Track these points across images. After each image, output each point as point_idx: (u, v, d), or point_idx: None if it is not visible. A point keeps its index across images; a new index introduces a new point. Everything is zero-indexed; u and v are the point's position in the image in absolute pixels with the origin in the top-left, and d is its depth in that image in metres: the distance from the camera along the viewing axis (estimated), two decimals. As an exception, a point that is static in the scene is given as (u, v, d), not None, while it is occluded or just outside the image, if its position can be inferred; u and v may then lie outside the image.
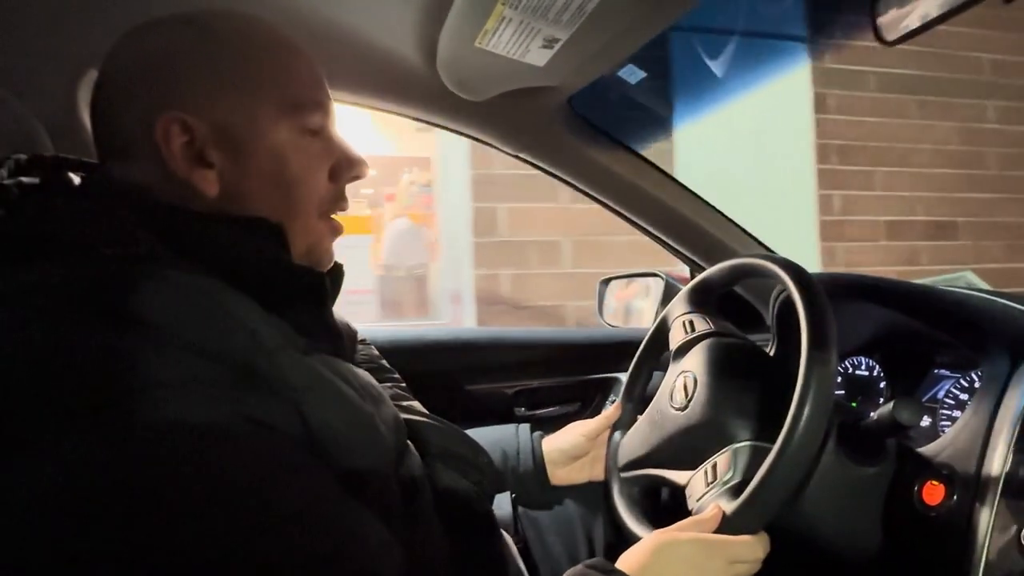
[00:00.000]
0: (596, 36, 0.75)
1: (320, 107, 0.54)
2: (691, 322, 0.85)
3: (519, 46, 0.78)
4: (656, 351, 0.91)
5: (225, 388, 0.39)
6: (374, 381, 0.57)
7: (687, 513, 0.67)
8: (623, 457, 0.82)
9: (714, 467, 0.70)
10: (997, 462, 0.61)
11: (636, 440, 0.82)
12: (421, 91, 0.91)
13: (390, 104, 0.96)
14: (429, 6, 0.76)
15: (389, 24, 0.81)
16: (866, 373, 0.95)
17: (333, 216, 0.57)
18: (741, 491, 0.62)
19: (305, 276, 0.53)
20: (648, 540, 0.59)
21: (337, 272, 0.60)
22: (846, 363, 0.98)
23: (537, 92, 0.90)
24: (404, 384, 0.75)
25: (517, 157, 1.04)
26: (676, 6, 0.73)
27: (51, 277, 0.40)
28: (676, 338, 0.86)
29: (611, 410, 0.89)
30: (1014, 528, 0.57)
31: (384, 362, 0.78)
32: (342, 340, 0.57)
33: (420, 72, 0.87)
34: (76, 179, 0.51)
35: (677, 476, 0.75)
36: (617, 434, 0.87)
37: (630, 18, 0.72)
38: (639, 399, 0.90)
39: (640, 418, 0.84)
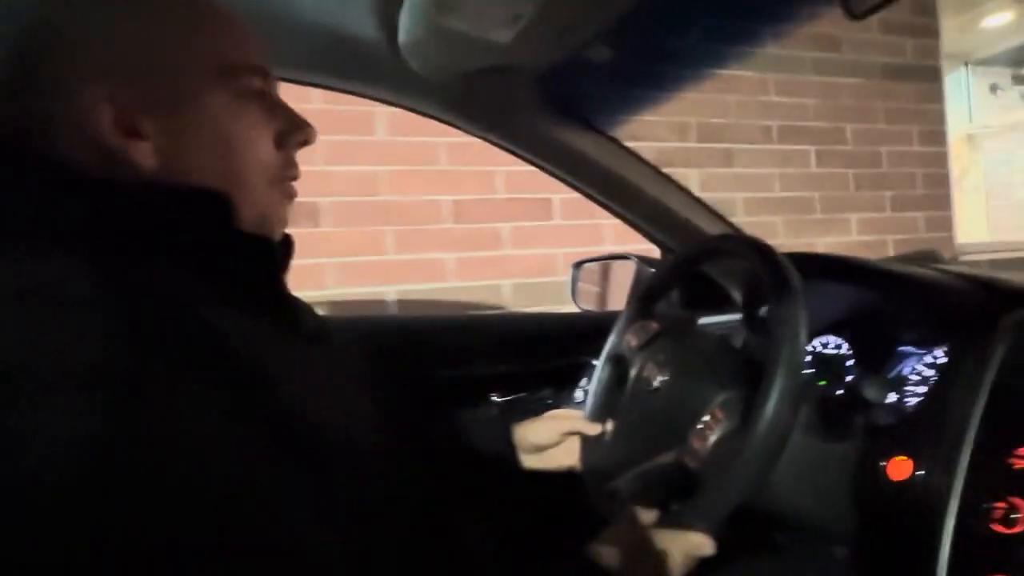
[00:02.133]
0: (562, 12, 0.74)
1: (256, 70, 0.52)
2: (665, 304, 0.85)
3: (482, 22, 0.76)
4: (617, 354, 0.91)
5: (181, 375, 0.37)
6: (338, 363, 0.55)
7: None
8: (610, 466, 0.82)
9: (706, 424, 0.70)
10: (963, 437, 0.62)
11: (616, 443, 0.82)
12: (383, 72, 0.88)
13: (352, 85, 0.93)
14: None
15: (347, 2, 0.78)
16: (834, 351, 0.96)
17: (285, 182, 0.56)
18: (741, 435, 0.62)
19: (253, 245, 0.51)
20: None
21: (287, 242, 0.58)
22: (814, 342, 0.99)
23: (504, 72, 0.88)
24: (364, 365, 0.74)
25: (484, 138, 1.02)
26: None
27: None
28: (651, 317, 0.86)
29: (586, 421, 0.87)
30: (979, 502, 0.57)
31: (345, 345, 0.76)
32: (297, 313, 0.55)
33: (382, 52, 0.84)
34: None
35: (664, 458, 0.75)
36: (591, 448, 0.86)
37: None
38: (604, 400, 0.90)
39: (610, 426, 0.84)
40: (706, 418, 0.70)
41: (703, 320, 0.92)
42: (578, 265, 1.35)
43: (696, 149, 2.64)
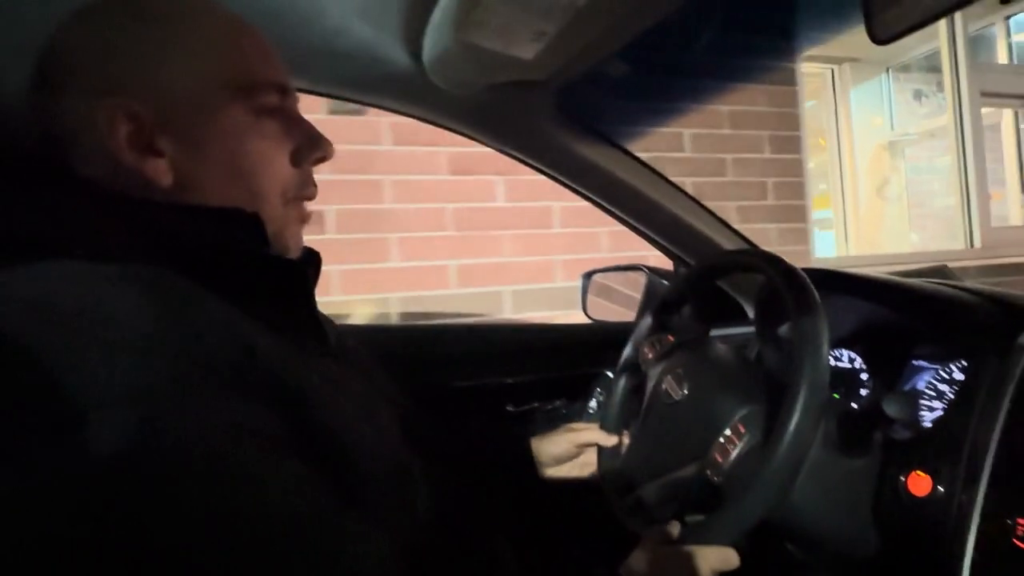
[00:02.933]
0: (586, 29, 0.75)
1: (274, 86, 0.52)
2: (660, 338, 0.86)
3: (507, 39, 0.77)
4: (633, 366, 0.91)
5: (213, 395, 0.37)
6: (361, 376, 0.56)
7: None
8: (623, 480, 0.82)
9: (727, 437, 0.70)
10: (983, 452, 0.62)
11: (636, 455, 0.83)
12: (406, 85, 0.89)
13: (373, 97, 0.94)
14: None
15: (374, 16, 0.79)
16: (848, 365, 0.97)
17: (301, 201, 0.55)
18: (765, 450, 0.62)
19: (286, 268, 0.51)
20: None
21: (315, 261, 0.58)
22: (838, 354, 1.00)
23: (524, 86, 0.89)
24: (386, 376, 0.74)
25: (503, 151, 1.03)
26: (664, 2, 0.73)
27: (13, 282, 0.37)
28: (650, 352, 0.87)
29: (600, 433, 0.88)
30: (1001, 518, 0.58)
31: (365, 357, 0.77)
32: (327, 334, 0.55)
33: (405, 66, 0.85)
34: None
35: (685, 471, 0.75)
36: (612, 460, 0.86)
37: (621, 11, 0.71)
38: (620, 412, 0.90)
39: (630, 436, 0.85)
40: (728, 432, 0.70)
41: (717, 333, 0.92)
42: (588, 275, 1.35)
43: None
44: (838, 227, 3.46)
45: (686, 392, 0.77)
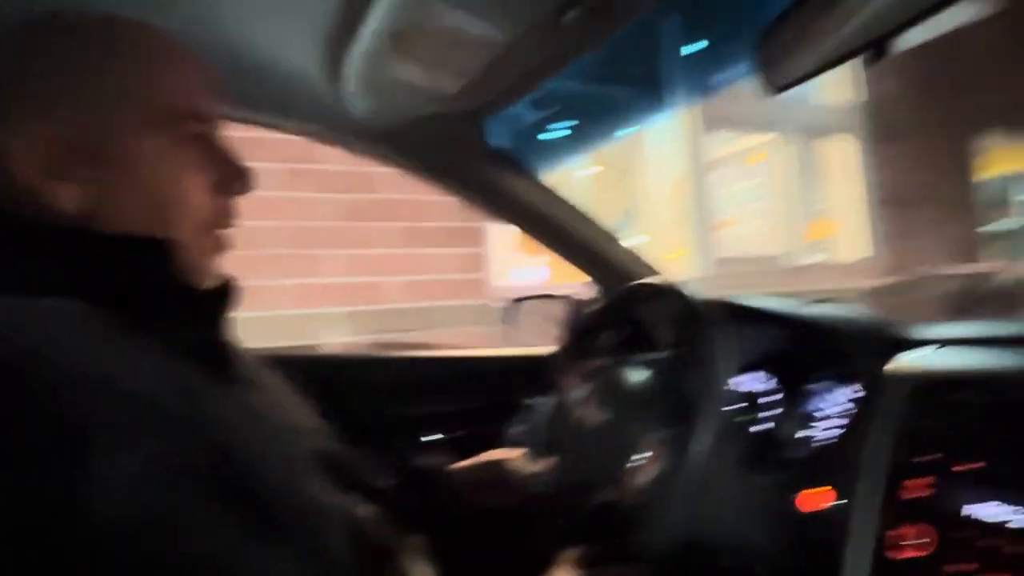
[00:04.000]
0: (510, 65, 0.77)
1: (197, 115, 0.51)
2: (597, 344, 0.89)
3: (430, 73, 0.78)
4: (568, 365, 0.94)
5: (135, 432, 0.36)
6: (276, 406, 0.54)
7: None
8: (551, 505, 0.83)
9: (637, 466, 0.72)
10: (867, 470, 0.68)
11: (555, 480, 0.84)
12: (326, 113, 0.89)
13: (293, 124, 0.93)
14: (336, 28, 0.75)
15: (291, 41, 0.79)
16: (752, 389, 1.02)
17: (219, 230, 0.54)
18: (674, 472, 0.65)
19: (194, 298, 0.49)
20: None
21: (232, 290, 0.57)
22: (735, 381, 1.05)
23: (448, 118, 0.90)
24: (303, 405, 0.72)
25: (425, 179, 1.04)
26: (587, 42, 0.76)
27: None
28: (583, 356, 0.89)
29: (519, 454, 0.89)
30: (875, 531, 0.63)
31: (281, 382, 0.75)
32: (237, 363, 0.54)
33: (324, 93, 0.85)
34: None
35: (607, 493, 0.77)
36: (529, 473, 0.87)
37: (543, 50, 0.74)
38: (541, 438, 0.92)
39: (550, 461, 0.87)
40: (641, 456, 0.73)
41: (636, 359, 0.96)
42: (510, 303, 1.37)
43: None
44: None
45: (603, 418, 0.79)
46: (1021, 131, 5.56)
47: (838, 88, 4.14)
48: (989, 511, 0.56)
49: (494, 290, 2.86)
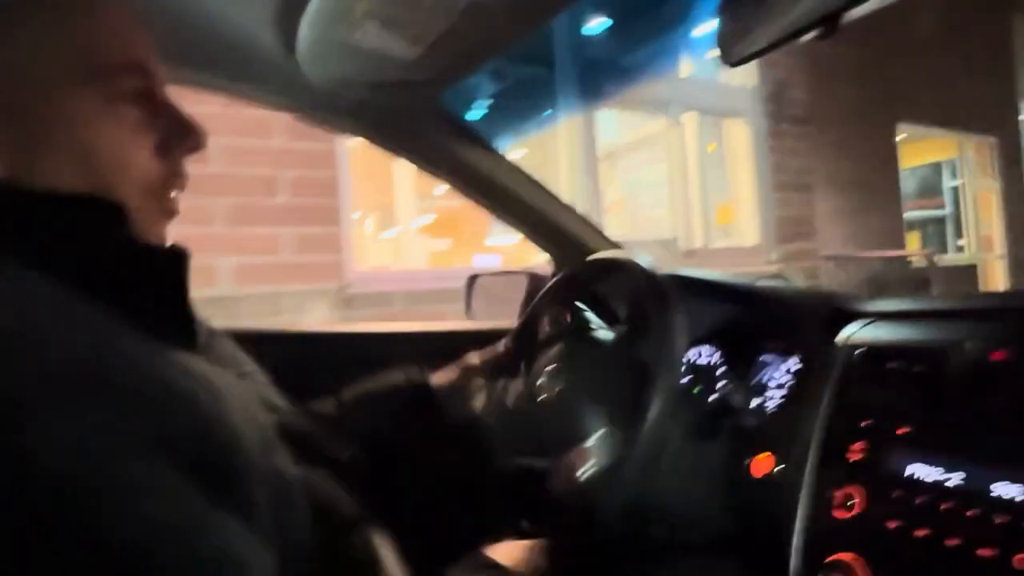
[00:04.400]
0: (469, 33, 0.76)
1: (136, 69, 0.48)
2: (555, 318, 0.89)
3: (387, 39, 0.76)
4: (527, 340, 0.94)
5: (82, 399, 0.35)
6: (242, 374, 0.54)
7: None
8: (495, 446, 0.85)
9: (578, 453, 0.74)
10: (810, 436, 0.71)
11: (505, 431, 0.85)
12: (281, 80, 0.86)
13: (247, 91, 0.90)
14: None
15: (245, 5, 0.76)
16: (706, 362, 1.06)
17: (167, 193, 0.51)
18: (605, 473, 0.67)
19: (161, 259, 0.47)
20: None
21: (186, 255, 0.55)
22: (689, 353, 1.08)
23: (406, 86, 0.89)
24: (265, 380, 0.71)
25: (382, 148, 1.02)
26: (551, 5, 0.75)
27: None
28: (542, 331, 0.90)
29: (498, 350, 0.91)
30: (824, 492, 0.66)
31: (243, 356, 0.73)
32: (198, 332, 0.52)
33: (279, 60, 0.82)
34: None
35: (543, 463, 0.79)
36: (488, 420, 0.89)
37: (504, 15, 0.73)
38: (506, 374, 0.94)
39: (507, 408, 0.88)
40: (596, 428, 0.75)
41: (595, 333, 0.97)
42: (472, 278, 1.37)
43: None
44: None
45: (558, 391, 0.80)
46: (941, 121, 5.81)
47: (744, 69, 4.19)
48: (918, 471, 0.60)
49: (354, 274, 2.67)
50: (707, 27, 4.11)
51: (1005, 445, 0.56)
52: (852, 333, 0.77)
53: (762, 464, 0.76)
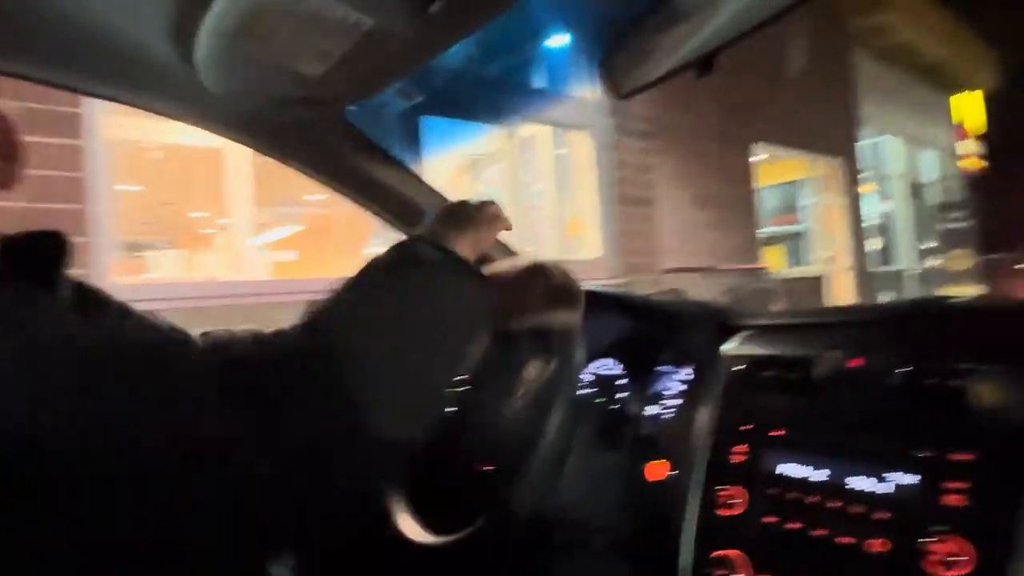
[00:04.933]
0: (373, 55, 0.77)
1: None
2: None
3: (290, 54, 0.76)
4: None
5: None
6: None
7: None
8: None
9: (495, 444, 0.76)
10: (698, 441, 0.76)
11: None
12: (179, 91, 0.83)
13: (143, 101, 0.86)
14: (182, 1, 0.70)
15: (135, 10, 0.73)
16: (608, 373, 1.10)
17: None
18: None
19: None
20: None
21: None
22: (594, 365, 1.13)
23: (311, 103, 0.88)
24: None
25: (286, 163, 1.00)
26: (453, 32, 0.77)
27: None
28: None
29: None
30: (712, 492, 0.71)
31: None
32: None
33: (176, 70, 0.80)
34: None
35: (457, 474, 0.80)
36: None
37: (411, 39, 0.74)
38: None
39: None
40: (500, 436, 0.77)
41: (500, 345, 1.00)
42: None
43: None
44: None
45: (465, 400, 0.82)
46: (793, 143, 6.38)
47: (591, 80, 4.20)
48: (790, 469, 0.66)
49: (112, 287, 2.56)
50: (558, 40, 4.15)
51: (860, 444, 0.62)
52: (736, 344, 0.83)
53: (656, 469, 0.81)
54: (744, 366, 0.78)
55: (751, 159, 5.87)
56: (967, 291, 7.99)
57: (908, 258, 9.06)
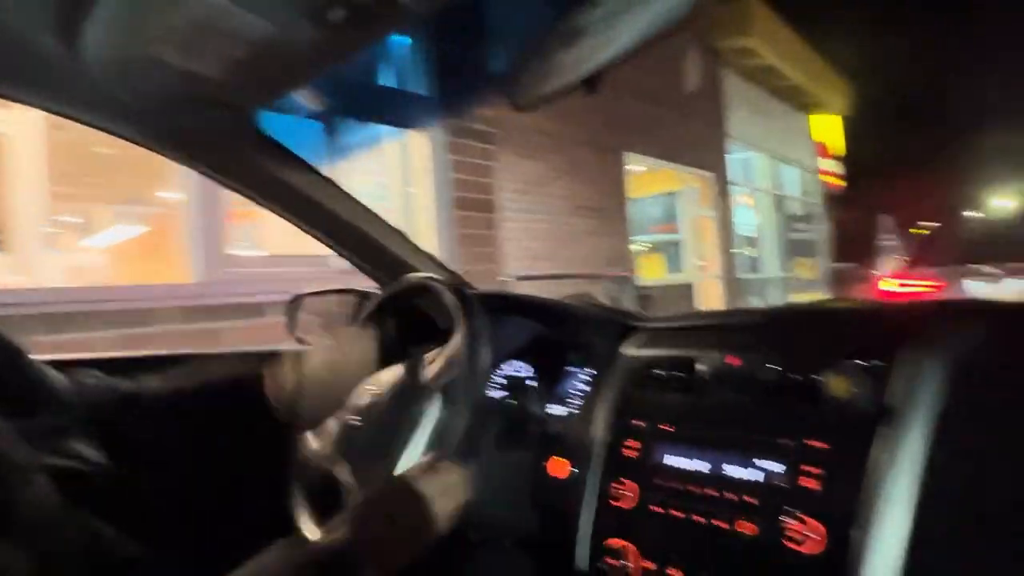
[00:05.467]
0: (276, 58, 0.76)
1: None
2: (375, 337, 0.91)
3: (190, 55, 0.74)
4: None
5: None
6: None
7: None
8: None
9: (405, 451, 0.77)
10: (596, 438, 0.80)
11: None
12: (65, 86, 0.80)
13: (35, 99, 0.82)
14: None
15: (15, 4, 0.70)
16: (519, 375, 1.13)
17: None
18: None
19: None
20: None
21: None
22: (506, 367, 1.15)
23: (214, 105, 0.86)
24: None
25: (192, 167, 0.97)
26: (355, 43, 0.78)
27: None
28: None
29: None
30: (607, 486, 0.75)
31: None
32: None
33: (64, 64, 0.76)
34: None
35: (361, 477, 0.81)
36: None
37: (312, 46, 0.74)
38: None
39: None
40: (406, 452, 0.78)
41: (412, 351, 1.00)
42: (296, 299, 1.34)
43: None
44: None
45: (373, 411, 0.82)
46: (665, 155, 6.72)
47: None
48: (676, 461, 0.71)
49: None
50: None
51: (735, 436, 0.68)
52: (633, 345, 0.88)
53: (559, 467, 0.84)
54: (639, 366, 0.82)
55: (628, 168, 6.07)
56: (814, 297, 8.72)
57: (773, 267, 9.79)
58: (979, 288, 3.95)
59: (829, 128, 12.23)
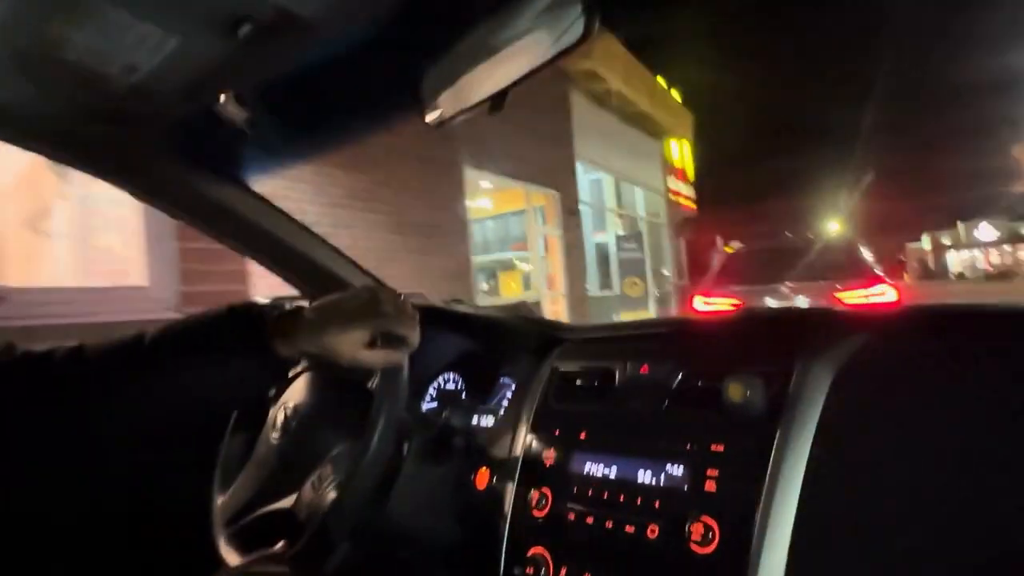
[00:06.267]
0: (184, 70, 0.75)
1: None
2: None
3: (94, 66, 0.72)
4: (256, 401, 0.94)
5: None
6: None
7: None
8: (229, 511, 0.83)
9: (319, 476, 0.76)
10: (518, 448, 0.81)
11: (242, 488, 0.84)
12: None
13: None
14: None
15: None
16: (452, 387, 1.14)
17: None
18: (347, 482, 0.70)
19: None
20: None
21: None
22: (438, 379, 1.16)
23: (122, 117, 0.83)
24: None
25: (110, 183, 0.94)
26: (267, 60, 0.77)
27: None
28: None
29: None
30: (527, 495, 0.76)
31: None
32: None
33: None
34: None
35: (283, 503, 0.79)
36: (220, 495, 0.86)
37: (218, 60, 0.73)
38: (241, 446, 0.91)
39: (246, 468, 0.86)
40: (323, 466, 0.77)
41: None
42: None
43: None
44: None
45: (287, 428, 0.81)
46: (510, 173, 6.83)
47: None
48: (590, 468, 0.72)
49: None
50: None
51: (644, 442, 0.70)
52: (555, 356, 0.90)
53: (483, 478, 0.85)
54: (557, 376, 0.84)
55: (482, 185, 6.04)
56: (639, 315, 9.01)
57: (618, 285, 10.14)
58: (775, 305, 4.28)
59: (680, 152, 13.01)
